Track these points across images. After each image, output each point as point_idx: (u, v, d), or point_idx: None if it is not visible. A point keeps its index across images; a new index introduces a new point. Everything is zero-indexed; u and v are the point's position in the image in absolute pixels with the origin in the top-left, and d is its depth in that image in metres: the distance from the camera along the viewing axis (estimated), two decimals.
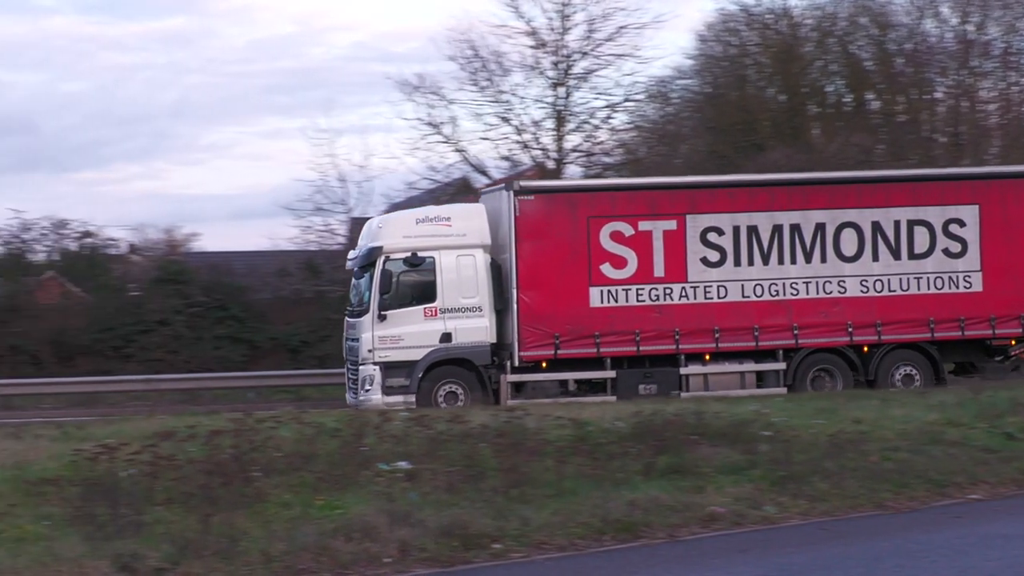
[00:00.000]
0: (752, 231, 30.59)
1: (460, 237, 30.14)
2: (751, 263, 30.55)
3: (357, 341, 29.98)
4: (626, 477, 17.29)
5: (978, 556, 14.28)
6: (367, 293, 29.95)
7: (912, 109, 54.59)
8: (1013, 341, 31.16)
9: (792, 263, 30.64)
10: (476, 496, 16.14)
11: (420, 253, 29.78)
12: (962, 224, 31.09)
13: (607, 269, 30.14)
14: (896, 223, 30.96)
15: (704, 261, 30.38)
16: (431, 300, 29.85)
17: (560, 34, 48.83)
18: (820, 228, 30.77)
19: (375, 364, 29.58)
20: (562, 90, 49.15)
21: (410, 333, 29.63)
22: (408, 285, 29.99)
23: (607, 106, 49.57)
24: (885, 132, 53.28)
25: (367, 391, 29.52)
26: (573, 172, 48.86)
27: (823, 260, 30.71)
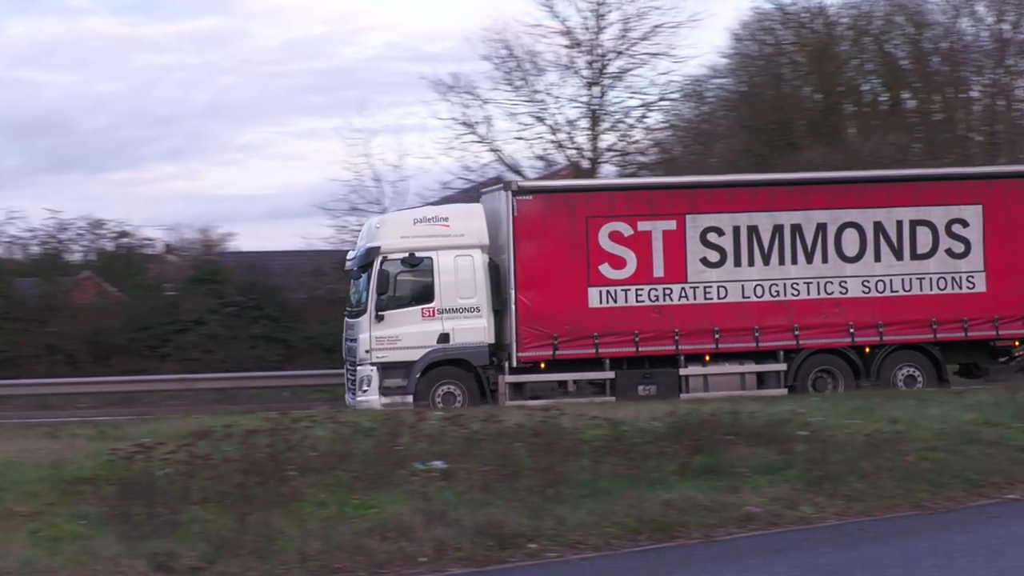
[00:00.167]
0: (753, 231, 30.46)
1: (458, 237, 30.04)
2: (751, 263, 30.43)
3: (355, 341, 29.95)
4: (661, 477, 17.26)
5: (1015, 556, 14.25)
6: (365, 293, 29.89)
7: (948, 108, 54.47)
8: (1017, 342, 30.99)
9: (793, 263, 30.50)
10: (511, 495, 16.12)
11: (418, 253, 29.68)
12: (965, 224, 30.90)
13: (606, 269, 30.05)
14: (898, 223, 30.79)
15: (704, 261, 30.27)
16: (429, 300, 29.77)
17: (595, 33, 48.81)
18: (821, 228, 30.61)
19: (372, 365, 29.52)
20: (597, 89, 49.13)
21: (408, 334, 29.55)
22: (406, 285, 29.90)
23: (642, 105, 49.56)
24: (921, 131, 53.15)
25: (365, 391, 29.46)
26: (608, 171, 48.85)
27: (824, 260, 30.56)
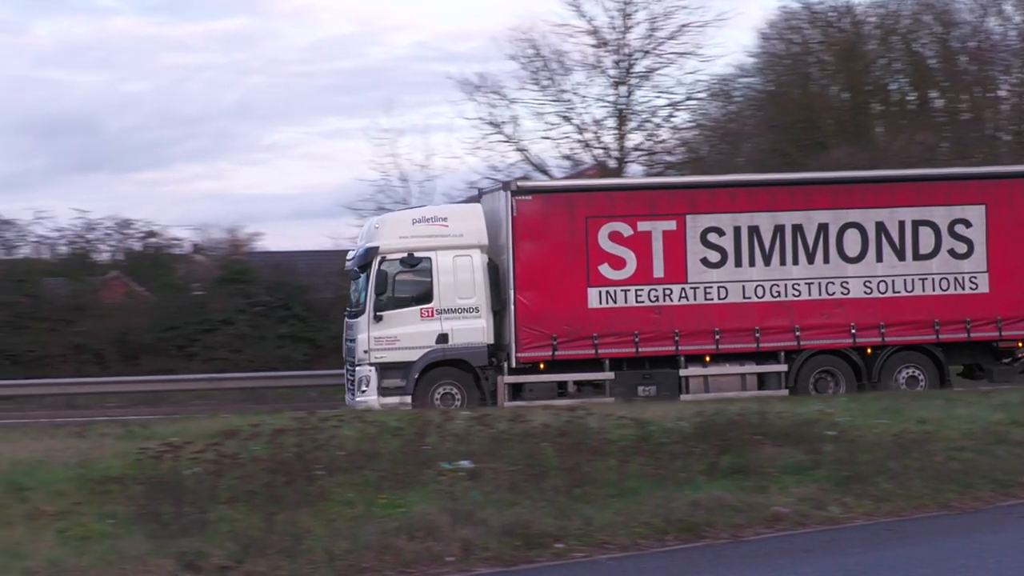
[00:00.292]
0: (753, 231, 30.29)
1: (457, 237, 29.93)
2: (752, 264, 30.26)
3: (354, 342, 29.92)
4: (689, 477, 17.24)
5: None
6: (363, 294, 29.85)
7: (976, 107, 54.31)
8: (1020, 343, 30.76)
9: (794, 264, 30.33)
10: (538, 495, 16.12)
11: (417, 254, 29.58)
12: (968, 224, 30.68)
13: (605, 270, 29.91)
14: (901, 223, 30.59)
15: (704, 262, 30.11)
16: (427, 301, 29.68)
17: (622, 33, 48.79)
18: (823, 228, 30.43)
19: (371, 365, 29.45)
20: (624, 89, 49.11)
21: (406, 334, 29.47)
22: (404, 286, 29.79)
23: (669, 104, 49.55)
24: (949, 130, 53.01)
25: (363, 392, 29.37)
26: (635, 171, 48.83)
27: (826, 261, 30.39)
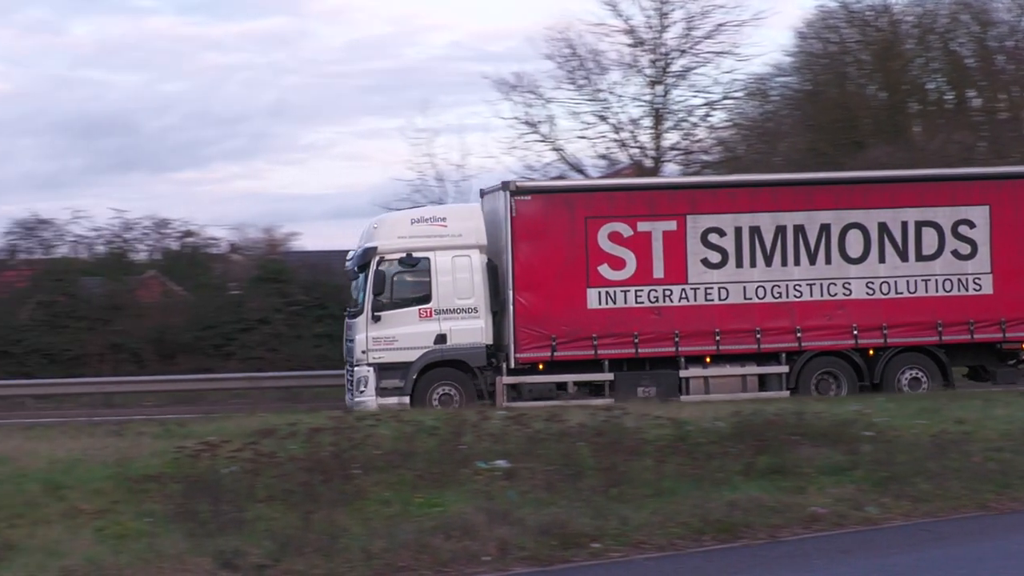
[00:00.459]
0: (755, 232, 30.27)
1: (456, 238, 29.95)
2: (753, 264, 30.25)
3: (353, 342, 29.89)
4: (726, 477, 17.22)
5: None
6: (362, 294, 29.83)
7: (1014, 106, 54.08)
8: None
9: (796, 264, 30.30)
10: (574, 495, 16.11)
11: (415, 254, 29.61)
12: (972, 225, 30.62)
13: (605, 270, 29.94)
14: (904, 224, 30.54)
15: (705, 262, 30.11)
16: (426, 301, 29.71)
17: (658, 32, 48.78)
18: (825, 229, 30.39)
19: (369, 365, 29.45)
20: (660, 88, 49.10)
21: (404, 334, 29.48)
22: (403, 286, 29.82)
23: (706, 104, 49.57)
24: (986, 129, 52.80)
25: (361, 392, 29.39)
26: (671, 170, 48.78)
27: (828, 261, 30.35)
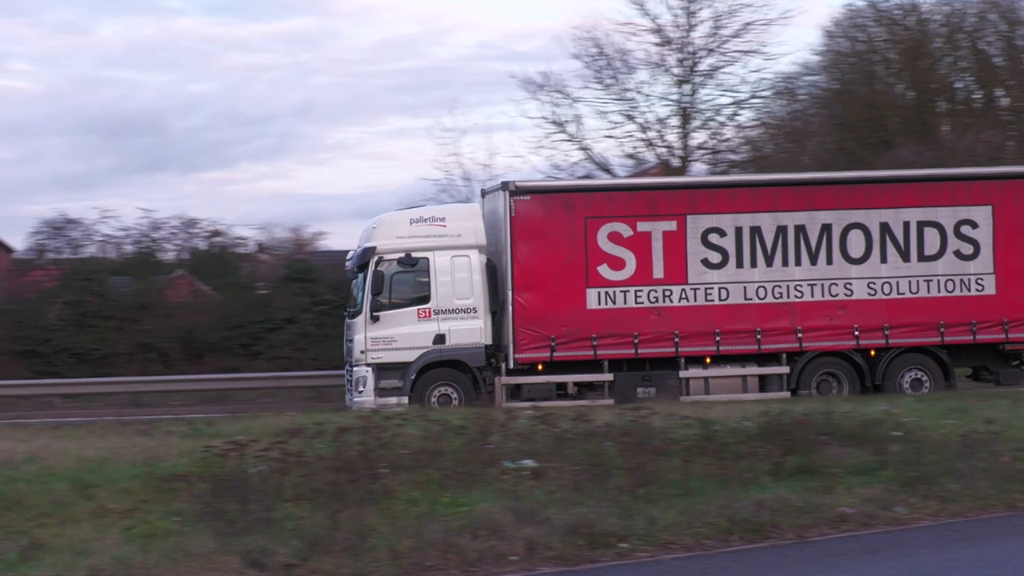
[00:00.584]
0: (755, 232, 30.15)
1: (455, 238, 29.87)
2: (754, 264, 30.13)
3: (352, 342, 29.88)
4: (754, 477, 17.20)
5: None
6: (361, 294, 29.78)
7: None
8: None
9: (797, 265, 30.17)
10: (602, 495, 16.11)
11: (414, 254, 29.55)
12: (974, 225, 30.44)
13: (604, 270, 29.84)
14: (905, 224, 30.39)
15: (705, 263, 30.01)
16: (425, 301, 29.64)
17: (686, 31, 48.65)
18: (826, 229, 30.26)
19: (368, 366, 29.38)
20: (687, 87, 48.98)
21: (403, 334, 29.42)
22: (401, 286, 29.74)
23: (733, 103, 49.39)
24: (1015, 128, 52.64)
25: (360, 392, 29.33)
26: (699, 169, 48.69)
27: (829, 262, 30.22)
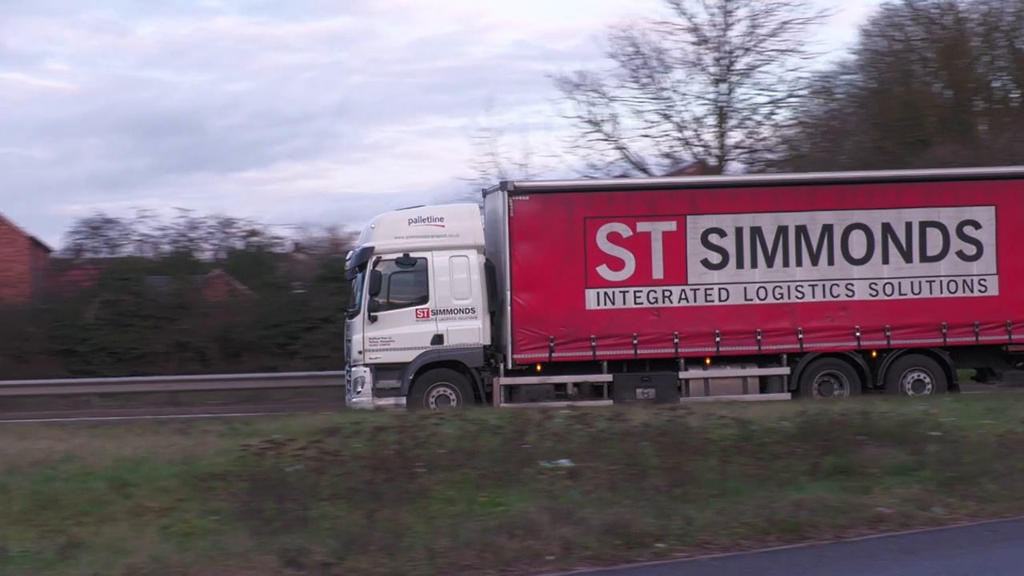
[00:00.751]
0: (756, 232, 30.02)
1: (453, 238, 29.81)
2: (754, 265, 30.01)
3: (351, 342, 29.95)
4: (791, 477, 17.15)
5: None
6: (359, 294, 29.83)
7: None
8: None
9: (798, 265, 30.04)
10: (638, 495, 16.08)
11: (412, 254, 29.54)
12: (977, 226, 30.28)
13: (604, 271, 29.76)
14: (908, 224, 30.24)
15: (705, 263, 29.91)
16: (423, 301, 29.63)
17: (722, 30, 48.69)
18: (827, 229, 30.12)
19: (366, 366, 29.45)
20: (724, 86, 49.01)
21: (401, 335, 29.43)
22: (400, 286, 29.76)
23: (770, 102, 49.46)
24: None
25: (358, 392, 29.42)
26: (736, 168, 48.66)
27: (830, 262, 30.08)
